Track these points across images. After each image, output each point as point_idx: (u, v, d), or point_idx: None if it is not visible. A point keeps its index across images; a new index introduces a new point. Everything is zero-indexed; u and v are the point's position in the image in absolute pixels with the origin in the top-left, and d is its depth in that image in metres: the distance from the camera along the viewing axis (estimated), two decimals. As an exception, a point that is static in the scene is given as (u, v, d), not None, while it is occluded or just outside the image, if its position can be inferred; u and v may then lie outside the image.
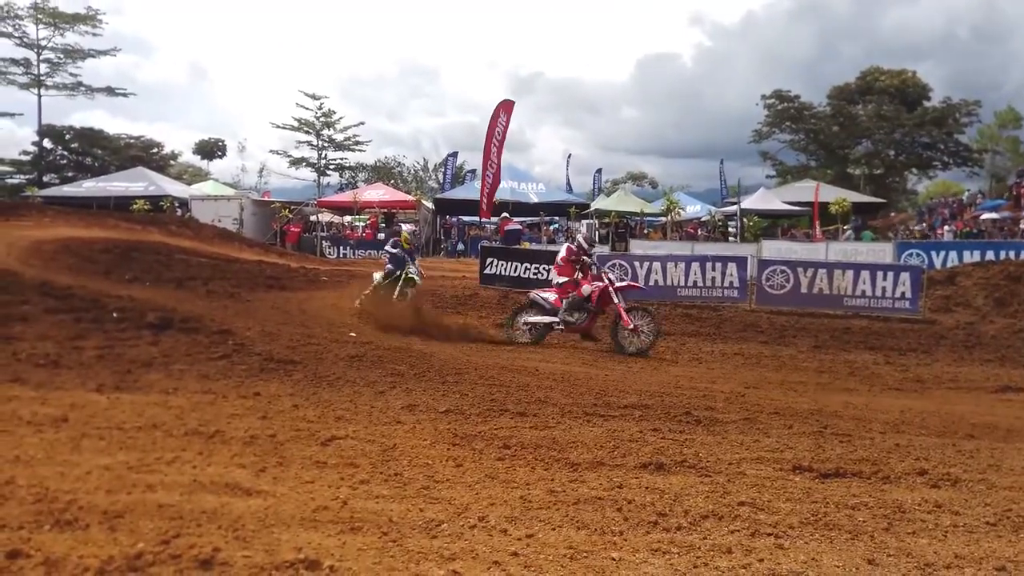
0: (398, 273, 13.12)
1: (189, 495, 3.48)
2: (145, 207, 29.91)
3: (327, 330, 9.14)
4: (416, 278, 13.47)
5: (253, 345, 7.36)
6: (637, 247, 22.62)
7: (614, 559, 3.03)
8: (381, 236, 35.17)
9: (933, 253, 18.12)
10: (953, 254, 17.73)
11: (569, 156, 49.26)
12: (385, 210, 37.15)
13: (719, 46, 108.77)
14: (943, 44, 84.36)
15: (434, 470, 4.14)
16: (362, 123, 67.75)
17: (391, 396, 6.02)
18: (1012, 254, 16.72)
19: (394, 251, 13.42)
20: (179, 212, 31.11)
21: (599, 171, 52.40)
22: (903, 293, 13.45)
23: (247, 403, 5.45)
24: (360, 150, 57.21)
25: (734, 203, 35.17)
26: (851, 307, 13.71)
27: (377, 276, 13.42)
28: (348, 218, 38.14)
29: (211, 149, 64.58)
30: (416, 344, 8.86)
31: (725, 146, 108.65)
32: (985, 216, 32.79)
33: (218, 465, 3.97)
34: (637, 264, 15.83)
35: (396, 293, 12.87)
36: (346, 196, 39.09)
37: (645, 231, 36.47)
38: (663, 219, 35.74)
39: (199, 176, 54.56)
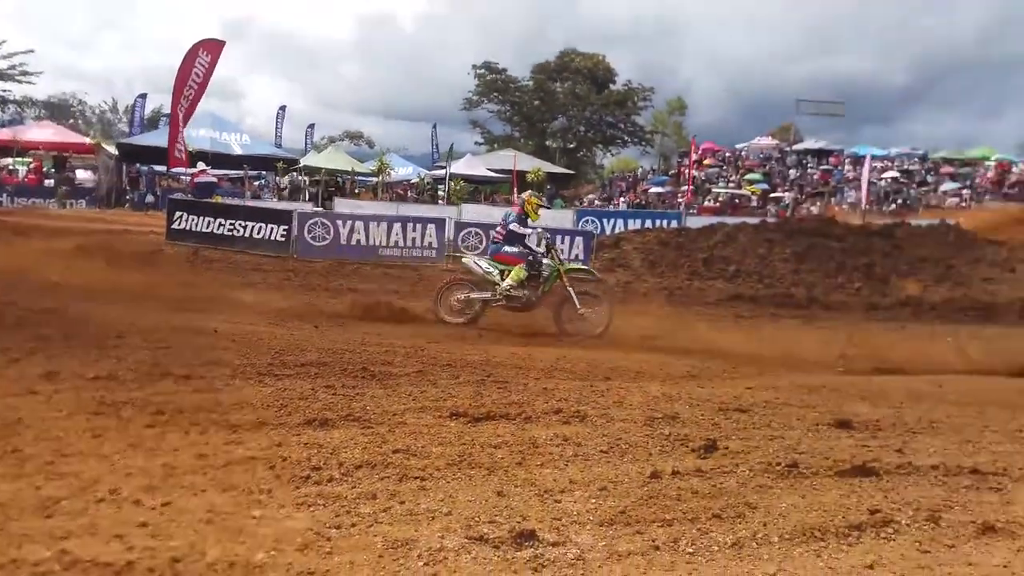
0: (543, 263, 9.10)
1: None
2: None
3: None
4: (593, 269, 10.42)
5: None
6: (343, 206, 22.36)
7: (255, 517, 3.00)
8: (49, 183, 30.47)
9: (606, 220, 20.55)
10: (621, 222, 20.27)
11: (282, 108, 46.41)
12: (55, 153, 32.17)
13: (439, 12, 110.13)
14: (632, 32, 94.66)
15: (65, 443, 3.72)
16: (31, 51, 56.72)
17: (28, 364, 5.26)
18: (666, 223, 19.59)
19: (524, 230, 9.25)
20: None
21: (311, 126, 50.47)
22: (577, 255, 15.13)
23: None
24: (28, 82, 48.33)
25: (443, 167, 36.29)
26: (535, 267, 15.06)
27: (484, 265, 9.20)
28: (8, 160, 32.36)
29: None
30: (74, 304, 7.85)
31: (444, 111, 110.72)
32: (652, 190, 37.90)
33: None
34: (339, 223, 15.67)
35: (577, 301, 8.98)
36: (3, 134, 33.08)
37: (356, 190, 36.21)
38: (374, 179, 35.78)
39: None
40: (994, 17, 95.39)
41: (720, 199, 32.94)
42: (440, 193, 35.59)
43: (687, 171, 33.29)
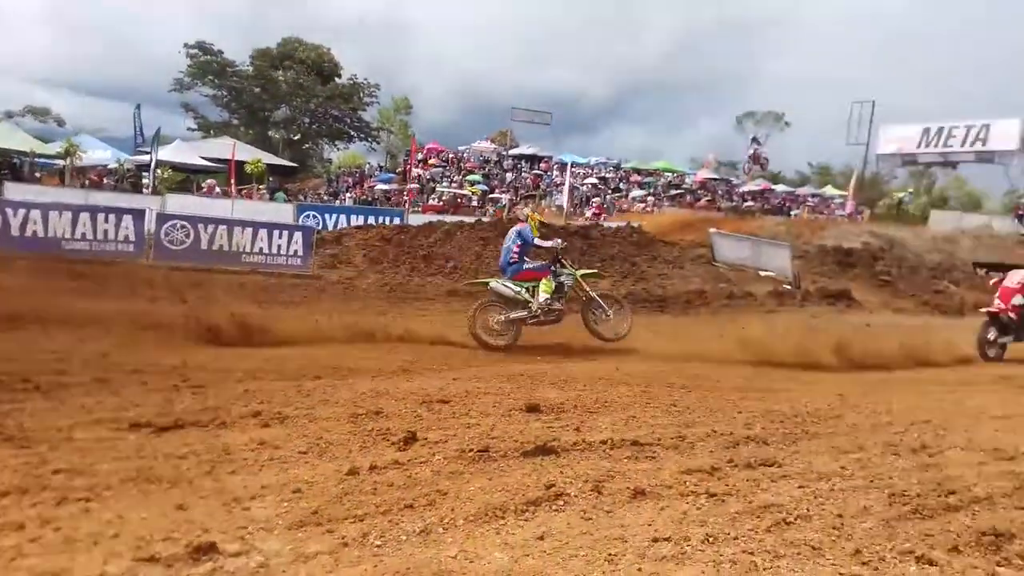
0: (561, 274, 9.35)
1: None
2: None
3: None
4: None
5: None
6: (16, 192, 19.19)
7: None
8: None
9: (327, 216, 20.12)
10: (344, 218, 20.00)
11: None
12: None
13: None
14: (359, 28, 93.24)
15: None
16: None
17: None
18: (389, 220, 19.73)
19: (547, 244, 9.43)
20: None
21: (-26, 96, 42.54)
22: (296, 251, 14.61)
23: None
24: None
25: (147, 152, 32.76)
26: (249, 263, 14.27)
27: (512, 287, 9.18)
28: None
29: None
30: None
31: (152, 91, 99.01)
32: (379, 187, 37.86)
33: None
34: (10, 211, 13.43)
35: (603, 303, 9.37)
36: None
37: (37, 174, 31.36)
38: (61, 162, 31.28)
39: None
40: (672, 45, 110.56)
41: (444, 198, 33.95)
42: (144, 181, 32.06)
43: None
